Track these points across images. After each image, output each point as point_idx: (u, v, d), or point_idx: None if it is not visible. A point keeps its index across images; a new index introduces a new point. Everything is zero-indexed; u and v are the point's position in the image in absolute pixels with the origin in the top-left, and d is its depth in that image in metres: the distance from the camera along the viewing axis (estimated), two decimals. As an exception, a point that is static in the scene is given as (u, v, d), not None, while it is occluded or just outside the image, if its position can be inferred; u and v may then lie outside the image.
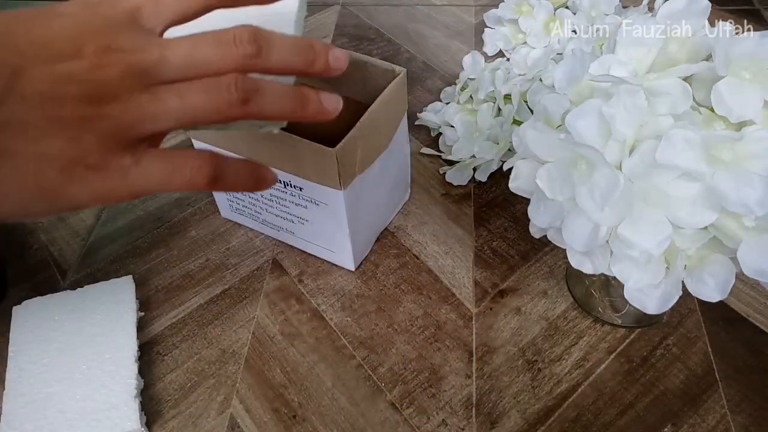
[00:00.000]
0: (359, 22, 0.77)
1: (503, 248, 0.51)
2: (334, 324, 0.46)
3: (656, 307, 0.33)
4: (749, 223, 0.29)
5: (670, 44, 0.34)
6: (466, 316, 0.46)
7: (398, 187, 0.52)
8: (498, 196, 0.55)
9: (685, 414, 0.40)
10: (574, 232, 0.33)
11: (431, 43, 0.74)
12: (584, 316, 0.45)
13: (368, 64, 0.46)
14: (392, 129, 0.46)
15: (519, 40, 0.68)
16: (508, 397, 0.41)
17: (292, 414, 0.41)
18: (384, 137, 0.45)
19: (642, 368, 0.42)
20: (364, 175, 0.43)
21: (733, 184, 0.29)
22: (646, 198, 0.31)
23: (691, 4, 0.33)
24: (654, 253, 0.31)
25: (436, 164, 0.58)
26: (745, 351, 0.43)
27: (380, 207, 0.50)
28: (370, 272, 0.49)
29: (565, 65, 0.35)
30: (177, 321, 0.46)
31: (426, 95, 0.66)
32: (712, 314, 0.45)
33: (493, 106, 0.56)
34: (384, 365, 0.43)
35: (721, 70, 0.30)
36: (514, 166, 0.37)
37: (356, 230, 0.46)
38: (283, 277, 0.49)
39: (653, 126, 0.31)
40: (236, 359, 0.44)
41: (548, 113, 0.35)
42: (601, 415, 0.40)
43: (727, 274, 0.31)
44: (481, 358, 0.43)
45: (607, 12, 0.63)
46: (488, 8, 0.72)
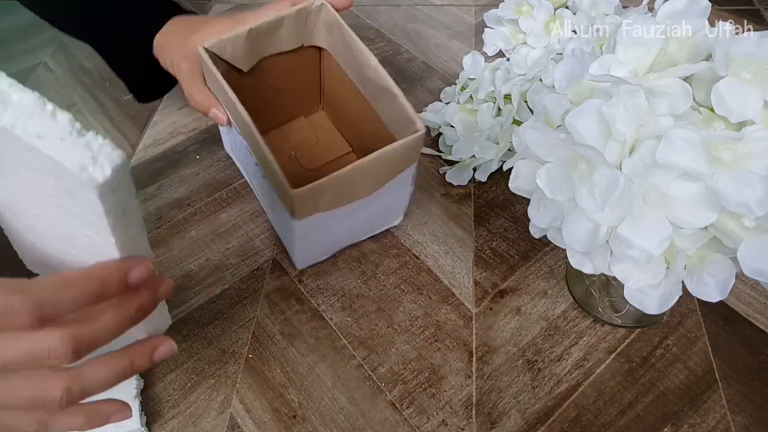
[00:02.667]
0: (359, 23, 0.77)
1: (503, 248, 0.51)
2: (334, 324, 0.46)
3: (656, 307, 0.33)
4: (749, 223, 0.29)
5: (670, 44, 0.34)
6: (466, 316, 0.46)
7: (386, 215, 0.50)
8: (498, 196, 0.55)
9: (685, 414, 0.40)
10: (574, 232, 0.33)
11: (431, 43, 0.74)
12: (584, 316, 0.45)
13: (397, 99, 0.43)
14: (385, 179, 0.43)
15: (519, 40, 0.68)
16: (508, 397, 0.41)
17: (292, 414, 0.41)
18: (365, 188, 0.42)
19: (642, 368, 0.42)
20: (328, 213, 0.42)
21: (733, 185, 0.29)
22: (646, 198, 0.31)
23: (691, 4, 0.33)
24: (654, 253, 0.31)
25: (436, 164, 0.58)
26: (745, 351, 0.43)
27: (350, 230, 0.48)
28: (370, 272, 0.49)
29: (565, 65, 0.35)
30: (177, 321, 0.46)
31: (426, 95, 0.66)
32: (712, 314, 0.45)
33: (493, 106, 0.56)
34: (384, 365, 0.43)
35: (721, 70, 0.30)
36: (514, 166, 0.37)
37: (306, 244, 0.45)
38: (283, 277, 0.49)
39: (653, 126, 0.31)
40: (236, 359, 0.44)
41: (548, 113, 0.35)
42: (601, 415, 0.40)
43: (727, 274, 0.31)
44: (481, 358, 0.43)
45: (607, 12, 0.63)
46: (488, 8, 0.72)
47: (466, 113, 0.58)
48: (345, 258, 0.50)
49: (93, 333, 0.25)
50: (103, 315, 0.26)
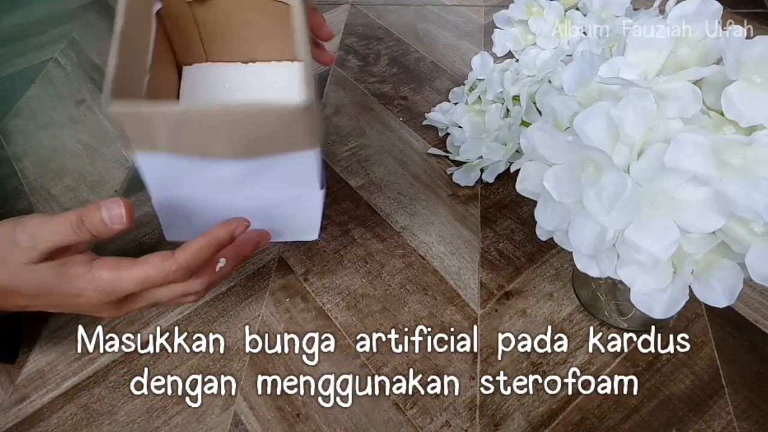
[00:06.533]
0: (369, 22, 0.77)
1: (509, 250, 0.50)
2: (339, 323, 0.46)
3: (663, 312, 0.33)
4: (758, 228, 0.29)
5: (681, 47, 0.34)
6: (472, 317, 0.46)
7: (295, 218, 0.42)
8: (505, 197, 0.55)
9: (690, 420, 0.40)
10: (581, 234, 0.33)
11: (440, 43, 0.74)
12: (590, 320, 0.45)
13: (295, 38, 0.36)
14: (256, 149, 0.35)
15: (528, 41, 0.67)
16: (512, 399, 0.41)
17: (296, 412, 0.41)
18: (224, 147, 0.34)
19: (647, 372, 0.42)
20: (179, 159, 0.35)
21: (742, 189, 0.28)
22: (653, 202, 0.31)
23: (703, 6, 0.33)
24: (661, 258, 0.30)
25: (443, 165, 0.58)
26: (753, 357, 0.43)
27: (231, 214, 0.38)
28: (376, 272, 0.49)
29: (574, 67, 0.35)
30: (182, 318, 0.46)
31: (434, 95, 0.66)
32: (719, 319, 0.45)
33: (502, 107, 0.56)
34: (388, 365, 0.43)
35: (732, 73, 0.30)
36: (522, 168, 0.37)
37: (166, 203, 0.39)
38: (288, 276, 0.49)
39: (662, 129, 0.31)
40: (241, 357, 0.44)
41: (556, 115, 0.35)
42: (606, 419, 0.40)
43: (735, 279, 0.31)
44: (485, 360, 0.43)
45: (617, 14, 0.63)
46: (498, 9, 0.72)
47: (474, 114, 0.58)
48: (351, 257, 0.50)
49: (218, 277, 0.38)
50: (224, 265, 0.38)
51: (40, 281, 0.33)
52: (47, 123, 0.64)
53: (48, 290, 0.34)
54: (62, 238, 0.33)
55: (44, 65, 0.72)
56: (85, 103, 0.67)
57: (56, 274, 0.34)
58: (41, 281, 0.33)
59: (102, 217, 0.33)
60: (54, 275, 0.33)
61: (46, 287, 0.34)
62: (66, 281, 0.34)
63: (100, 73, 0.71)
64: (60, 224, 0.33)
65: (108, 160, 0.59)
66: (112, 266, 0.34)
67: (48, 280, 0.34)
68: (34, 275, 0.33)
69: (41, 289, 0.34)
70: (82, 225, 0.33)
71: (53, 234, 0.33)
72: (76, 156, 0.60)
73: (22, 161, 0.59)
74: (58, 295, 0.34)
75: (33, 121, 0.64)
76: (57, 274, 0.34)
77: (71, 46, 0.75)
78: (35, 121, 0.64)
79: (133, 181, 0.57)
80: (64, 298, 0.34)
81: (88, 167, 0.59)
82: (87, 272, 0.34)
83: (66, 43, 0.76)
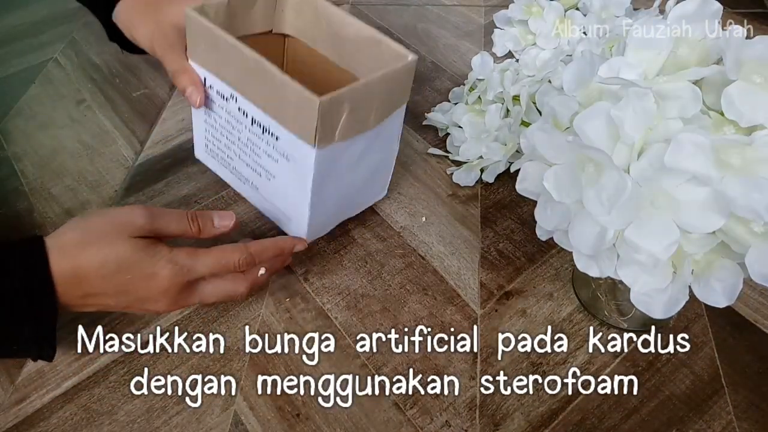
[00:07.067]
0: (369, 22, 0.77)
1: (509, 250, 0.50)
2: (339, 323, 0.46)
3: (663, 312, 0.33)
4: (758, 228, 0.29)
5: (681, 47, 0.34)
6: (471, 317, 0.46)
7: (375, 180, 0.51)
8: (505, 197, 0.55)
9: (690, 419, 0.40)
10: (581, 234, 0.33)
11: (440, 43, 0.74)
12: (590, 320, 0.45)
13: (382, 43, 0.44)
14: (385, 112, 0.43)
15: (528, 41, 0.67)
16: (512, 399, 0.41)
17: (296, 412, 0.41)
18: (374, 115, 0.42)
19: (647, 372, 0.42)
20: (343, 146, 0.41)
21: (742, 189, 0.28)
22: (653, 202, 0.31)
23: (703, 6, 0.33)
24: (661, 258, 0.31)
25: (443, 165, 0.58)
26: (752, 357, 0.43)
27: (351, 192, 0.48)
28: (376, 272, 0.49)
29: (574, 67, 0.35)
30: (183, 318, 0.46)
31: (434, 95, 0.66)
32: (719, 319, 0.45)
33: (502, 107, 0.56)
34: (388, 365, 0.43)
35: (732, 73, 0.30)
36: (522, 168, 0.37)
37: (318, 201, 0.44)
38: (288, 276, 0.49)
39: (662, 129, 0.31)
40: (241, 357, 0.44)
41: (556, 115, 0.35)
42: (606, 419, 0.40)
43: (735, 279, 0.31)
44: (485, 360, 0.43)
45: (617, 14, 0.63)
46: (498, 9, 0.72)
47: (474, 114, 0.58)
48: (350, 257, 0.50)
49: (257, 283, 0.43)
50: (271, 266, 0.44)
51: (129, 252, 0.37)
52: (47, 123, 0.64)
53: (129, 266, 0.37)
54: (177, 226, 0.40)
55: (44, 65, 0.72)
56: (85, 103, 0.67)
57: (144, 246, 0.38)
58: (130, 252, 0.37)
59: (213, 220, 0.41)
60: (142, 247, 0.37)
61: (128, 262, 0.37)
62: (149, 257, 0.38)
63: (99, 73, 0.71)
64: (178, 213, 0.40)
65: (108, 160, 0.59)
66: (190, 251, 0.39)
67: (136, 252, 0.37)
68: (125, 246, 0.37)
69: (124, 264, 0.37)
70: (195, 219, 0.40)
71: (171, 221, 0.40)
72: (76, 156, 0.60)
73: (22, 161, 0.59)
74: (135, 275, 0.38)
75: (33, 121, 0.64)
76: (144, 247, 0.38)
77: (71, 46, 0.75)
78: (35, 121, 0.64)
79: (133, 181, 0.57)
80: (138, 280, 0.38)
81: (88, 167, 0.59)
82: (168, 252, 0.38)
83: (66, 43, 0.76)
